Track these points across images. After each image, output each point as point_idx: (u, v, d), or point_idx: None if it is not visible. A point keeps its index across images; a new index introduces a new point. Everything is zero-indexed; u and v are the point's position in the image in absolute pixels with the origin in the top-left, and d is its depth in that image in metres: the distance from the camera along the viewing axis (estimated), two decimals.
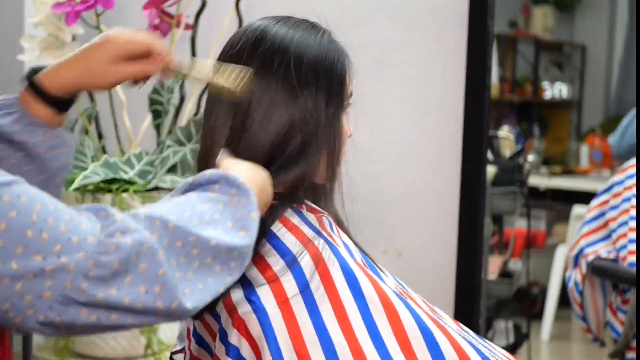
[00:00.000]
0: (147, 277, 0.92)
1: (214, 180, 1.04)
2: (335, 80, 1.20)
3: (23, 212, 0.88)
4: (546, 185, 4.99)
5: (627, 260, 2.33)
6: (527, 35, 5.56)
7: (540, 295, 4.56)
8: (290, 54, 1.17)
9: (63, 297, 0.89)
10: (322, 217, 1.23)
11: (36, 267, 0.87)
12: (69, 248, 0.89)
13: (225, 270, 0.99)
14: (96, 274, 0.90)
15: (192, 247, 0.97)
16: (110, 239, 0.91)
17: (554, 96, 5.76)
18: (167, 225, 0.95)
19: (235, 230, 1.00)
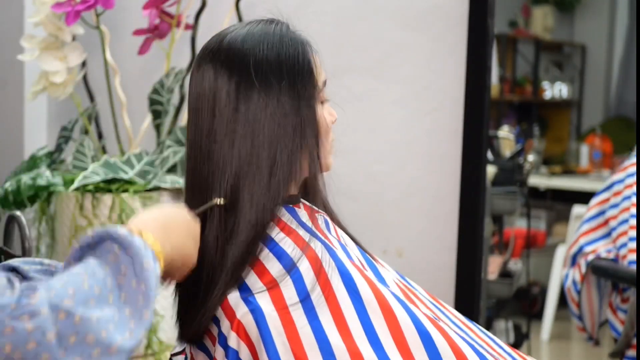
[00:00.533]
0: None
1: (98, 240, 0.99)
2: (300, 72, 1.17)
3: None
4: (546, 185, 4.98)
5: (627, 259, 2.33)
6: (527, 35, 5.56)
7: (540, 295, 4.56)
8: (249, 53, 1.16)
9: None
10: (317, 216, 1.22)
11: None
12: None
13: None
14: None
15: (90, 347, 0.90)
16: (13, 321, 0.86)
17: (554, 96, 5.76)
18: (74, 319, 0.89)
19: (127, 321, 0.95)
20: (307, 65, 1.18)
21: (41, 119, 2.53)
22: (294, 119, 1.16)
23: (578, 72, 5.93)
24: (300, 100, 1.17)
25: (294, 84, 1.17)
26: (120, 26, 2.40)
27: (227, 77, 1.16)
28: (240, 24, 1.22)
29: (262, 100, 1.15)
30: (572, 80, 5.91)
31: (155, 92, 2.21)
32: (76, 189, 2.01)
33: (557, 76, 5.86)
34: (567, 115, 5.93)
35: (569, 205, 4.34)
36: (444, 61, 2.17)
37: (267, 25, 1.19)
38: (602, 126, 5.51)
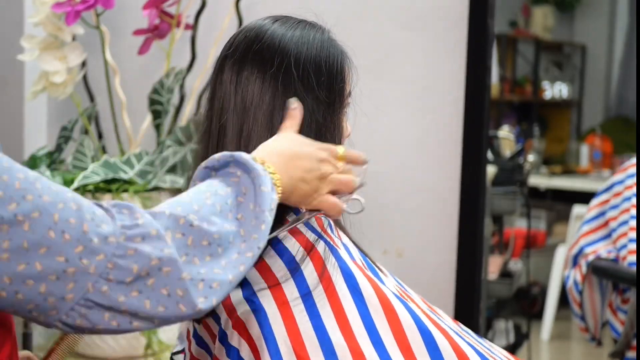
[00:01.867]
0: (170, 281, 0.92)
1: (224, 163, 1.05)
2: (335, 80, 1.20)
3: (45, 213, 0.87)
4: (546, 185, 4.99)
5: (627, 260, 2.33)
6: (527, 35, 5.56)
7: (540, 295, 4.56)
8: (290, 54, 1.17)
9: (85, 299, 0.90)
10: (321, 217, 1.23)
11: (59, 269, 0.88)
12: (90, 250, 0.89)
13: (241, 260, 1.00)
14: (116, 277, 0.90)
15: (217, 245, 0.97)
16: (130, 242, 0.91)
17: (554, 96, 5.76)
18: (192, 225, 0.96)
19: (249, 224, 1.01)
20: (342, 74, 1.21)
21: (41, 119, 2.52)
22: (325, 120, 1.19)
23: (578, 72, 5.93)
24: (332, 106, 1.20)
25: (329, 88, 1.19)
26: (120, 26, 2.40)
27: (269, 74, 1.17)
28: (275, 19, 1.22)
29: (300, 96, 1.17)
30: (572, 80, 5.91)
31: (155, 92, 2.21)
32: (76, 189, 2.01)
33: (557, 76, 5.86)
34: (567, 115, 5.93)
35: (569, 205, 4.35)
36: (444, 61, 2.17)
37: (309, 29, 1.21)
38: (602, 126, 5.51)
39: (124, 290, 0.90)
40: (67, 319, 0.90)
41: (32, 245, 0.87)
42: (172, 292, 0.92)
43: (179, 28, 2.19)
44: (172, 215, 0.95)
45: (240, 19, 2.21)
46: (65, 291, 0.88)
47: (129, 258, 0.90)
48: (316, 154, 1.13)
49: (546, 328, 4.33)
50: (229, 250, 0.98)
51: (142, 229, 0.92)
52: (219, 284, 0.96)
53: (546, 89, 5.72)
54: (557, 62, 5.95)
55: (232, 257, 0.98)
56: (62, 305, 0.89)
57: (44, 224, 0.87)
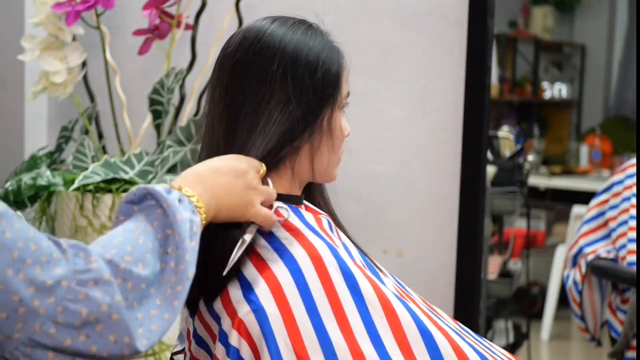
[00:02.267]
0: (118, 328, 0.94)
1: (141, 196, 1.05)
2: (331, 81, 1.20)
3: (5, 249, 0.88)
4: (546, 185, 4.99)
5: (626, 260, 2.33)
6: (526, 36, 5.56)
7: (540, 295, 4.56)
8: (287, 55, 1.17)
9: (30, 340, 0.90)
10: (320, 217, 1.23)
11: (11, 308, 0.88)
12: (43, 292, 0.90)
13: (173, 295, 1.01)
14: (64, 320, 0.91)
15: (150, 286, 0.98)
16: (82, 287, 0.92)
17: (553, 96, 5.76)
18: (131, 271, 0.97)
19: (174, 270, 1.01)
20: (339, 75, 1.22)
21: (41, 119, 2.53)
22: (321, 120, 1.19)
23: (578, 72, 5.93)
24: (328, 106, 1.20)
25: (325, 89, 1.20)
26: (120, 26, 2.40)
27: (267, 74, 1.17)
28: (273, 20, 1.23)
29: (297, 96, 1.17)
30: (572, 80, 5.91)
31: (155, 92, 2.21)
32: (76, 189, 2.01)
33: (557, 76, 5.86)
34: (567, 115, 5.93)
35: (569, 205, 4.34)
36: (443, 61, 2.17)
37: (307, 30, 1.21)
38: (602, 126, 5.51)
39: (71, 333, 0.91)
40: (11, 356, 0.91)
41: None
42: (119, 338, 0.94)
43: (179, 28, 2.19)
44: (111, 262, 0.96)
45: (240, 19, 2.22)
46: (14, 330, 0.89)
47: (79, 303, 0.92)
48: (235, 165, 1.13)
49: (546, 328, 4.33)
50: (162, 287, 0.99)
51: (95, 274, 0.93)
52: (158, 326, 0.98)
53: (546, 89, 5.72)
54: (557, 62, 5.95)
55: (166, 293, 0.99)
56: (8, 344, 0.90)
57: (3, 260, 0.88)
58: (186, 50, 2.27)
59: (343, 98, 1.23)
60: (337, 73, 1.21)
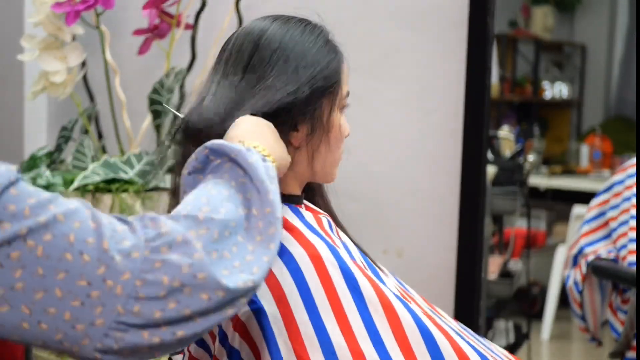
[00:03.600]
0: (208, 285, 0.87)
1: (204, 160, 1.01)
2: (330, 81, 1.20)
3: (59, 234, 0.82)
4: (546, 185, 4.98)
5: (627, 260, 2.33)
6: (527, 35, 5.56)
7: (540, 295, 4.56)
8: (288, 52, 1.17)
9: (118, 322, 0.84)
10: (320, 217, 1.23)
11: (82, 294, 0.82)
12: (114, 270, 0.83)
13: (266, 240, 0.96)
14: (147, 294, 0.85)
15: (236, 234, 0.93)
16: (157, 254, 0.86)
17: (554, 96, 5.76)
18: (212, 218, 0.91)
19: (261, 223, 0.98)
20: (338, 75, 1.21)
21: (41, 119, 2.53)
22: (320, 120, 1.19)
23: (578, 72, 5.93)
24: (327, 107, 1.20)
25: (325, 89, 1.19)
26: (120, 26, 2.40)
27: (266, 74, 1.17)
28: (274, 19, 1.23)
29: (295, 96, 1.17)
30: (572, 80, 5.91)
31: (155, 92, 2.21)
32: (76, 189, 2.01)
33: (557, 76, 5.86)
34: (567, 115, 5.93)
35: (569, 205, 4.34)
36: (444, 61, 2.17)
37: (307, 30, 1.21)
38: (602, 126, 5.51)
39: (159, 305, 0.85)
40: (103, 347, 0.84)
41: (48, 271, 0.81)
42: (211, 295, 0.87)
43: (179, 28, 2.19)
44: (188, 216, 0.91)
45: (240, 19, 2.22)
46: (94, 316, 0.83)
47: (157, 271, 0.85)
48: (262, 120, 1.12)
49: (546, 328, 4.33)
50: (250, 234, 0.94)
51: (167, 238, 0.87)
52: (258, 268, 0.92)
53: (546, 89, 5.71)
54: (557, 62, 5.95)
55: (256, 240, 0.94)
56: (93, 332, 0.83)
57: (58, 246, 0.82)
58: (186, 50, 2.27)
59: (343, 98, 1.23)
60: (337, 72, 1.21)
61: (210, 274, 0.87)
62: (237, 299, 0.90)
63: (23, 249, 0.80)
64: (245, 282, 0.90)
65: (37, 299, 0.81)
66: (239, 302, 0.91)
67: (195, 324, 0.88)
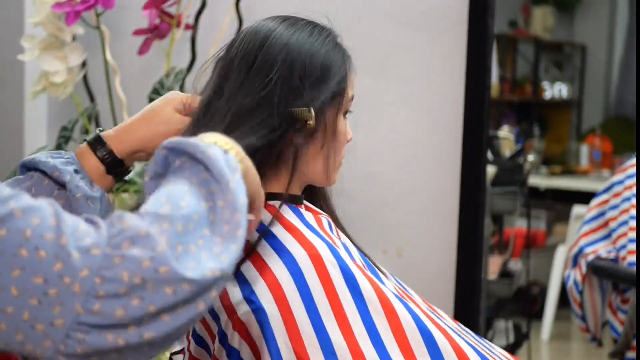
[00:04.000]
0: (171, 279, 0.83)
1: (162, 161, 0.96)
2: (336, 84, 1.19)
3: (14, 230, 0.78)
4: (546, 185, 4.99)
5: (627, 260, 2.33)
6: (527, 35, 5.56)
7: (540, 295, 4.56)
8: (294, 55, 1.17)
9: (78, 323, 0.80)
10: (321, 217, 1.23)
11: (38, 292, 0.78)
12: (71, 266, 0.79)
13: (233, 227, 0.91)
14: (106, 291, 0.80)
15: (201, 226, 0.89)
16: (117, 250, 0.82)
17: (554, 96, 5.76)
18: (172, 213, 0.87)
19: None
20: (344, 78, 1.21)
21: (41, 119, 2.52)
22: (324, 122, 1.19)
23: (578, 72, 5.93)
24: (332, 110, 1.20)
25: (329, 92, 1.19)
26: (120, 26, 2.40)
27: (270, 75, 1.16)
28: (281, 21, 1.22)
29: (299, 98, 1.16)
30: (572, 80, 5.91)
31: (156, 92, 2.20)
32: None
33: (557, 76, 5.86)
34: (567, 115, 5.93)
35: (569, 205, 4.35)
36: (444, 61, 2.17)
37: (314, 32, 1.21)
38: (602, 126, 5.51)
39: (120, 302, 0.81)
40: (66, 349, 0.80)
41: (2, 268, 0.78)
42: (176, 288, 0.83)
43: (179, 28, 2.19)
44: (150, 212, 0.86)
45: (240, 19, 2.21)
46: (53, 316, 0.79)
47: (116, 267, 0.81)
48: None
49: (546, 328, 4.33)
50: (217, 226, 0.90)
51: (129, 232, 0.83)
52: (228, 257, 0.88)
53: (546, 89, 5.72)
54: (557, 62, 5.95)
55: (224, 230, 0.90)
56: (54, 332, 0.79)
57: (13, 242, 0.78)
58: (186, 50, 2.27)
59: (347, 102, 1.23)
60: (342, 76, 1.21)
61: (172, 267, 0.83)
62: (206, 291, 0.85)
63: None
64: (213, 272, 0.86)
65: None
66: (210, 295, 0.86)
67: (163, 323, 0.83)
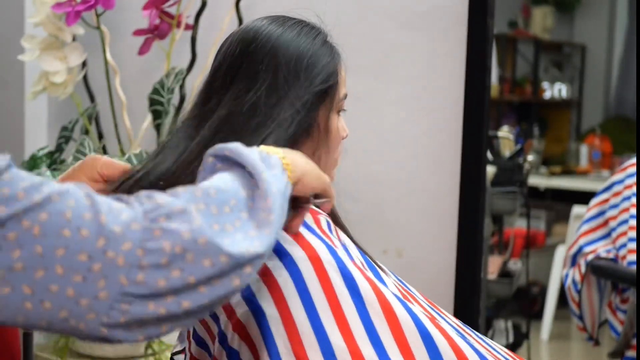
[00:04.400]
0: (210, 251, 0.86)
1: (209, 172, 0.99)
2: (326, 83, 1.19)
3: (54, 213, 0.81)
4: (546, 185, 4.99)
5: (626, 259, 2.33)
6: (526, 36, 5.56)
7: (540, 295, 4.56)
8: (284, 54, 1.17)
9: (122, 294, 0.83)
10: (319, 217, 1.23)
11: (82, 268, 0.81)
12: (114, 241, 0.82)
13: (268, 215, 0.94)
14: (149, 262, 0.84)
15: (239, 210, 0.91)
16: (155, 223, 0.85)
17: (553, 96, 5.76)
18: (209, 194, 0.90)
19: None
20: (335, 76, 1.21)
21: (41, 119, 2.53)
22: (315, 122, 1.18)
23: (578, 72, 5.93)
24: (324, 109, 1.20)
25: (320, 91, 1.18)
26: (120, 26, 2.40)
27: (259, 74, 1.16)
28: (272, 20, 1.22)
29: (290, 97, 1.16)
30: (572, 80, 5.91)
31: (156, 92, 2.21)
32: None
33: (557, 76, 5.86)
34: (567, 115, 5.93)
35: (569, 205, 4.34)
36: (444, 61, 2.17)
37: (304, 30, 1.21)
38: (602, 126, 5.51)
39: (162, 273, 0.84)
40: (110, 321, 0.83)
41: (46, 249, 0.80)
42: (215, 261, 0.86)
43: (179, 28, 2.19)
44: (186, 192, 0.90)
45: (240, 19, 2.22)
46: (97, 289, 0.82)
47: (158, 239, 0.84)
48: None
49: (546, 328, 4.33)
50: (255, 213, 0.93)
51: (165, 209, 0.86)
52: (261, 242, 0.91)
53: (546, 89, 5.72)
54: (557, 62, 5.95)
55: (261, 217, 0.93)
56: (98, 305, 0.82)
57: (55, 224, 0.81)
58: (186, 50, 2.28)
59: (340, 100, 1.23)
60: (334, 75, 1.21)
61: (210, 239, 0.86)
62: (243, 267, 0.89)
63: (19, 229, 0.80)
64: (249, 250, 0.89)
65: (38, 278, 0.80)
66: (245, 271, 0.89)
67: (200, 294, 0.86)
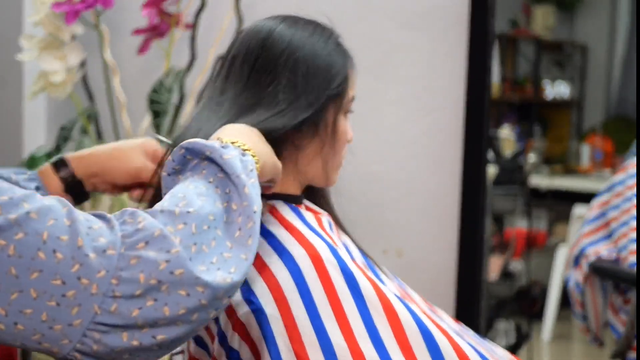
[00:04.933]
0: (186, 281, 0.84)
1: (181, 159, 0.98)
2: (336, 85, 1.19)
3: (31, 232, 0.79)
4: (547, 185, 4.98)
5: (628, 261, 2.33)
6: (527, 35, 5.56)
7: (541, 296, 4.55)
8: (295, 54, 1.17)
9: (95, 323, 0.82)
10: (321, 217, 1.23)
11: (57, 293, 0.80)
12: (88, 267, 0.81)
13: (245, 234, 0.93)
14: (123, 292, 0.82)
15: (215, 227, 0.90)
16: (132, 251, 0.83)
17: (554, 96, 5.76)
18: (188, 212, 0.88)
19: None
20: (345, 78, 1.21)
21: (40, 118, 2.52)
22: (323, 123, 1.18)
23: (579, 72, 5.93)
24: (332, 110, 1.20)
25: (330, 92, 1.18)
26: (120, 26, 2.40)
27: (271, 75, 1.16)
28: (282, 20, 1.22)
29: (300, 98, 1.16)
30: (573, 79, 5.90)
31: (155, 92, 2.20)
32: None
33: (558, 76, 5.85)
34: (568, 114, 5.93)
35: (570, 205, 4.34)
36: (444, 61, 2.17)
37: (316, 32, 1.21)
38: (603, 126, 5.51)
39: (136, 303, 0.82)
40: (83, 347, 0.82)
41: (21, 271, 0.79)
42: (191, 291, 0.84)
43: (178, 28, 2.19)
44: (165, 211, 0.88)
45: (240, 19, 2.21)
46: (71, 317, 0.81)
47: (132, 268, 0.82)
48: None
49: (547, 328, 4.32)
50: (229, 229, 0.92)
51: (144, 233, 0.84)
52: (236, 268, 0.89)
53: (547, 88, 5.71)
54: (558, 62, 5.94)
55: (235, 235, 0.92)
56: (71, 332, 0.81)
57: (31, 245, 0.79)
58: (186, 50, 2.27)
59: (348, 102, 1.23)
60: (343, 76, 1.21)
61: (187, 269, 0.84)
62: (219, 297, 0.87)
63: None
64: (224, 279, 0.87)
65: (12, 300, 0.79)
66: (222, 302, 0.88)
67: (175, 327, 0.85)
